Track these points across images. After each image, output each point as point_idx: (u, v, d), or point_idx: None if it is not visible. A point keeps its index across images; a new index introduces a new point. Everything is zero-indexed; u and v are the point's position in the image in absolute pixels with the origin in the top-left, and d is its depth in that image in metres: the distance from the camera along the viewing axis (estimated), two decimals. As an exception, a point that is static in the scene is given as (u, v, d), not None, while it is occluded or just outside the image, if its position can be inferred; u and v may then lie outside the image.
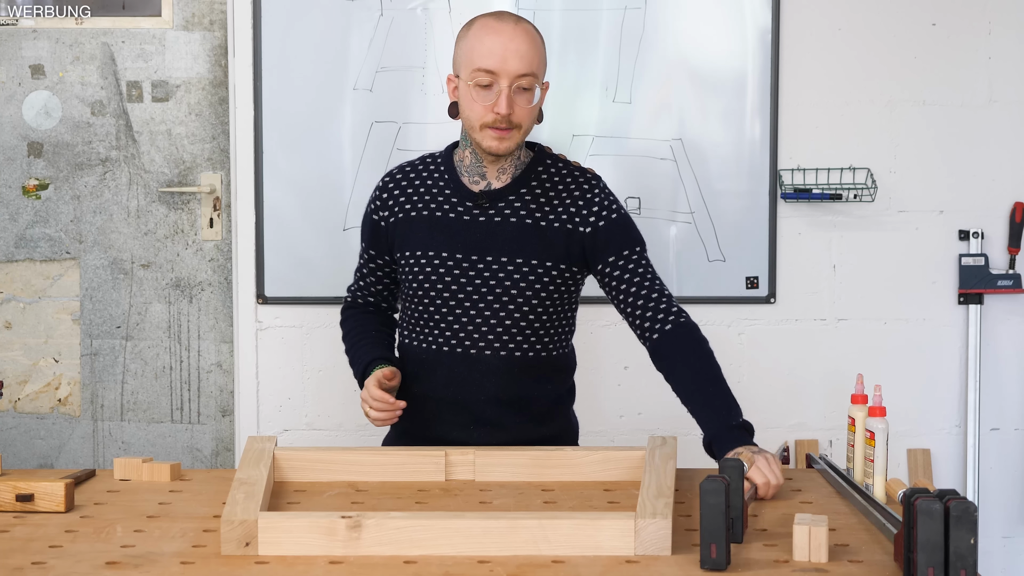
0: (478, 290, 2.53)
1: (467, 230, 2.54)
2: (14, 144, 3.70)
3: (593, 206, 2.56)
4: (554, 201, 2.56)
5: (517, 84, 2.46)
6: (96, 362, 3.74)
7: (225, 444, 3.77)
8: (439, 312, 2.56)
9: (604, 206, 2.57)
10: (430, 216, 2.58)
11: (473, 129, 2.51)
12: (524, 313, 2.54)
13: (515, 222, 2.53)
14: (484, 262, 2.53)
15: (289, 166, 3.61)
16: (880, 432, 2.25)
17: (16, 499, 2.11)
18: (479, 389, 2.56)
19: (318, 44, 3.59)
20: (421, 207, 2.59)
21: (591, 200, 2.56)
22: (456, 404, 2.58)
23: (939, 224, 3.66)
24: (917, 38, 3.62)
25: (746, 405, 3.65)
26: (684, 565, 1.83)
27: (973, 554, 1.69)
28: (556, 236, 2.54)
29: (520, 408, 2.59)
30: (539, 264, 2.53)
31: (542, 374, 2.60)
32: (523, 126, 2.50)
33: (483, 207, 2.55)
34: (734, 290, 3.64)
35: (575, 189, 2.57)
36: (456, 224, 2.55)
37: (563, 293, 2.57)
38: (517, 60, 2.45)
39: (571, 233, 2.54)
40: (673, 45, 3.59)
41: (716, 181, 3.61)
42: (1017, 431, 3.73)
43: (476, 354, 2.55)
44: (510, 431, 2.57)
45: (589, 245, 2.55)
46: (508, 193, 2.55)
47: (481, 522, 1.89)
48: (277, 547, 1.88)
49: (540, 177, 2.58)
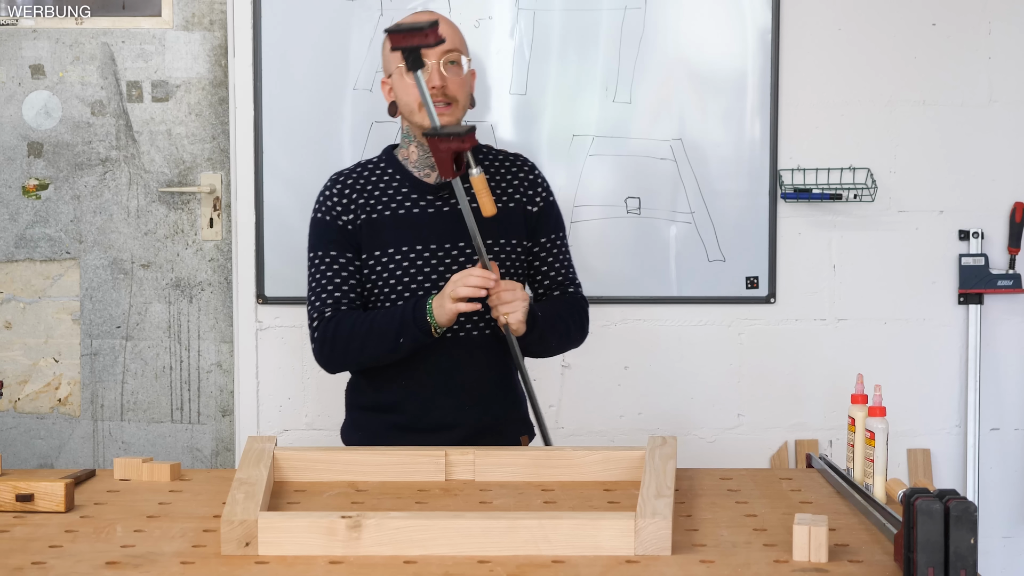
0: None
1: (434, 221, 2.67)
2: (14, 144, 3.69)
3: (538, 187, 2.77)
4: (503, 183, 2.73)
5: (445, 59, 2.63)
6: (96, 362, 3.74)
7: (225, 444, 3.77)
8: None
9: (545, 187, 2.79)
10: (393, 215, 2.68)
11: (413, 113, 2.64)
12: None
13: (477, 207, 2.62)
14: (458, 248, 2.66)
15: (289, 166, 3.61)
16: (880, 432, 2.25)
17: (16, 499, 2.11)
18: (472, 368, 2.69)
19: (318, 44, 3.59)
20: (381, 208, 2.69)
21: (535, 181, 2.78)
22: (453, 386, 2.68)
23: (939, 224, 3.66)
24: (917, 38, 3.62)
25: (746, 405, 3.67)
26: (684, 565, 1.83)
27: (973, 554, 1.69)
28: (514, 215, 2.72)
29: (505, 387, 2.75)
30: (506, 243, 2.69)
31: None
32: (459, 100, 2.65)
33: (444, 197, 2.68)
34: (734, 290, 3.64)
35: (518, 171, 2.76)
36: (423, 217, 2.67)
37: (526, 266, 2.75)
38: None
39: (525, 211, 2.73)
40: (673, 45, 3.59)
41: (716, 181, 3.61)
42: (1017, 431, 3.73)
43: (464, 336, 2.68)
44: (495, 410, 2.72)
45: (534, 223, 2.74)
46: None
47: (481, 522, 1.89)
48: (277, 547, 1.88)
49: (483, 164, 2.74)
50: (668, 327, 3.65)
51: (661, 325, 3.66)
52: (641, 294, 3.64)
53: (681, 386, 3.67)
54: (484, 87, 3.58)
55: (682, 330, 3.66)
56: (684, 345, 3.66)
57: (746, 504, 2.18)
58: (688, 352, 3.66)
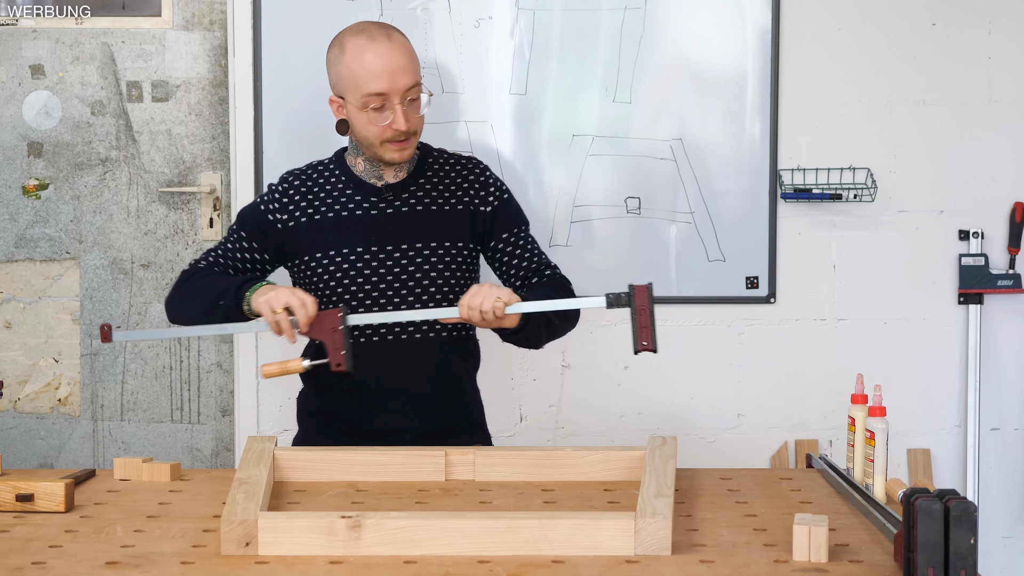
0: (398, 277, 2.64)
1: (378, 223, 2.67)
2: (14, 144, 3.69)
3: (489, 187, 2.76)
4: (451, 187, 2.73)
5: (408, 97, 2.60)
6: (96, 362, 3.74)
7: (225, 444, 3.77)
8: (363, 305, 2.65)
9: (497, 186, 2.77)
10: (336, 217, 2.68)
11: (372, 146, 2.64)
12: (444, 293, 2.66)
13: (422, 209, 2.67)
14: (400, 250, 2.66)
15: (289, 166, 3.59)
16: (880, 432, 2.25)
17: (16, 499, 2.12)
18: (415, 372, 2.66)
19: (318, 44, 3.58)
20: (324, 209, 2.70)
21: (486, 182, 2.76)
22: (394, 391, 2.66)
23: (939, 224, 3.66)
24: (917, 38, 3.62)
25: (746, 405, 3.67)
26: (684, 565, 1.83)
27: (973, 554, 1.69)
28: (462, 218, 2.71)
29: (452, 390, 2.72)
30: (451, 245, 2.68)
31: (465, 354, 2.75)
32: (419, 131, 2.66)
33: (388, 199, 2.69)
34: (734, 290, 3.64)
35: (468, 174, 2.76)
36: (366, 219, 2.67)
37: (473, 271, 2.74)
38: (403, 76, 2.59)
39: (474, 214, 2.72)
40: (673, 45, 3.59)
41: (716, 181, 3.61)
42: (1017, 431, 3.73)
43: (407, 339, 2.66)
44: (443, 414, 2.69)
45: (489, 223, 2.73)
46: (410, 184, 2.70)
47: (481, 522, 1.89)
48: (277, 547, 1.88)
49: (433, 167, 2.74)
50: (668, 327, 3.65)
51: (661, 325, 3.65)
52: (641, 294, 3.63)
53: (681, 386, 3.67)
54: (484, 87, 3.58)
55: (682, 330, 3.66)
56: (684, 345, 3.66)
57: (746, 504, 2.18)
58: (688, 352, 3.66)
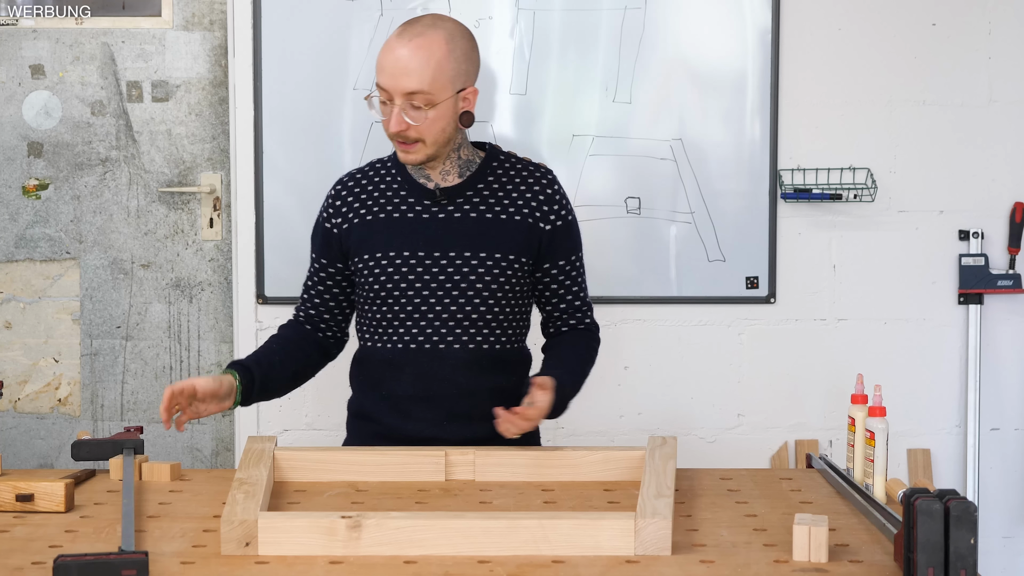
0: (442, 286, 2.55)
1: (427, 227, 2.57)
2: (14, 144, 3.70)
3: (554, 204, 2.60)
4: (513, 194, 2.59)
5: (409, 102, 2.46)
6: (96, 362, 3.74)
7: (225, 444, 3.77)
8: (404, 311, 2.57)
9: (563, 205, 2.61)
10: (387, 218, 2.59)
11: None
12: (489, 306, 2.56)
13: (475, 217, 2.55)
14: (447, 258, 2.55)
15: (289, 166, 3.61)
16: (880, 432, 2.25)
17: (16, 499, 2.11)
18: (450, 384, 2.57)
19: (318, 44, 3.59)
20: (377, 210, 2.61)
21: (551, 197, 2.61)
22: (428, 401, 2.57)
23: (939, 224, 3.66)
24: (917, 38, 3.62)
25: (746, 405, 3.67)
26: (684, 565, 1.83)
27: (973, 554, 1.69)
28: (517, 229, 2.57)
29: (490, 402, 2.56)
30: (502, 257, 2.55)
31: (507, 367, 2.62)
32: (427, 139, 2.49)
33: (441, 204, 2.58)
34: (734, 290, 3.64)
35: (534, 184, 2.61)
36: (415, 222, 2.57)
37: (523, 285, 2.61)
38: (405, 79, 2.44)
39: (532, 228, 2.58)
40: (673, 45, 3.59)
41: (716, 181, 3.61)
42: (1017, 431, 3.73)
43: (444, 349, 2.56)
44: (481, 426, 2.54)
45: (546, 242, 2.60)
46: (466, 188, 2.58)
47: (481, 522, 1.89)
48: (277, 547, 1.88)
49: (496, 172, 2.61)
50: (668, 327, 3.65)
51: (661, 325, 3.66)
52: (641, 294, 3.64)
53: (681, 386, 3.67)
54: (484, 87, 3.58)
55: (682, 330, 3.66)
56: (684, 345, 3.66)
57: (746, 504, 2.18)
58: (688, 352, 3.66)
